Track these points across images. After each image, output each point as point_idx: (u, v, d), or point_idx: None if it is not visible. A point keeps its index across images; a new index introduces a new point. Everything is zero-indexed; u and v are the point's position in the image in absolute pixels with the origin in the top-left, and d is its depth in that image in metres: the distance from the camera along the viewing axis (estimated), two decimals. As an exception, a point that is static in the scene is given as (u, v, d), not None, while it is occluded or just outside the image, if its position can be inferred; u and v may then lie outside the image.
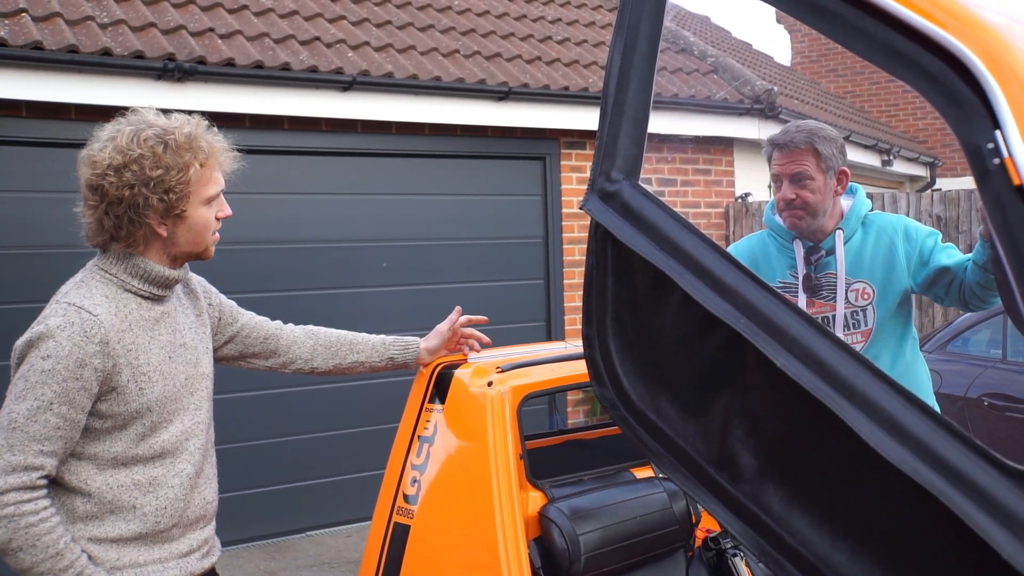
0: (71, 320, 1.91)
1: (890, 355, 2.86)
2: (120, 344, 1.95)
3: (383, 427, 5.79)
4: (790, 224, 2.87)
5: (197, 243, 2.07)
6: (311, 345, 2.47)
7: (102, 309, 1.95)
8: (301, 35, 6.23)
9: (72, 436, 1.92)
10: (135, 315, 2.01)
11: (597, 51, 7.85)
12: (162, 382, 2.02)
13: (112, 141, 1.98)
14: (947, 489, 1.28)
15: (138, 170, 1.94)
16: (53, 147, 5.41)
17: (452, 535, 2.42)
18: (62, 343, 1.89)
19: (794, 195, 2.80)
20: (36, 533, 1.86)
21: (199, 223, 2.05)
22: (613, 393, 1.73)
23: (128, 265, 2.02)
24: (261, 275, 6.07)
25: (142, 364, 1.99)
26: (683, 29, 9.29)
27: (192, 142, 2.01)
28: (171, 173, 1.96)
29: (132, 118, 2.04)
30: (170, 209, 1.98)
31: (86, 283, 2.01)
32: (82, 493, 1.97)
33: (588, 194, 1.71)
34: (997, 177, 1.20)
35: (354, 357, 2.51)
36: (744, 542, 1.59)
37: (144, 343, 2.01)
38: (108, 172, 1.95)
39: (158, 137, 1.98)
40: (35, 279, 5.24)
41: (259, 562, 5.68)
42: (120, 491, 1.98)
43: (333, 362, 2.49)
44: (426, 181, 6.77)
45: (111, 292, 2.00)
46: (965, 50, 1.23)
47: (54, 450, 1.90)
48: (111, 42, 5.34)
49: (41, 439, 1.87)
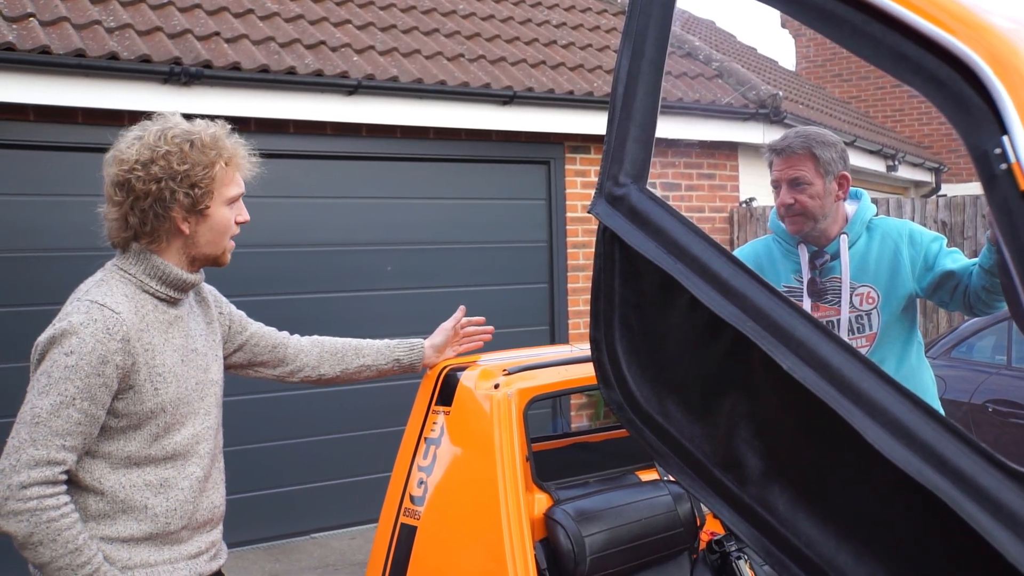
0: (94, 317, 1.93)
1: (895, 359, 2.86)
2: (139, 343, 1.98)
3: (389, 430, 5.80)
4: (792, 229, 2.88)
5: (216, 244, 2.11)
6: (317, 353, 2.49)
7: (123, 307, 1.98)
8: (306, 39, 6.25)
9: (91, 432, 1.94)
10: (151, 316, 2.04)
11: (602, 55, 7.87)
12: (176, 384, 2.05)
13: (139, 140, 2.03)
14: (951, 491, 1.28)
15: (165, 165, 1.99)
16: (60, 151, 5.43)
17: (458, 536, 2.43)
18: (85, 339, 1.91)
19: (792, 200, 2.82)
20: (57, 528, 1.88)
21: (220, 223, 2.09)
22: (620, 395, 1.74)
23: (147, 266, 2.05)
24: (266, 278, 6.08)
25: (158, 364, 2.02)
26: (688, 33, 9.30)
27: (217, 142, 2.06)
28: (197, 169, 2.01)
29: (158, 119, 2.09)
30: (195, 204, 2.02)
31: (106, 282, 2.03)
32: (95, 491, 1.99)
33: (596, 198, 1.72)
34: (1004, 182, 1.21)
35: (360, 361, 2.53)
36: (749, 543, 1.60)
37: (160, 344, 2.04)
38: (136, 167, 1.99)
39: (185, 134, 2.03)
40: (44, 282, 5.26)
41: (264, 564, 5.69)
42: (132, 491, 2.01)
43: (340, 367, 2.51)
44: (431, 185, 6.78)
45: (130, 291, 2.03)
46: (972, 55, 1.23)
47: (75, 445, 1.92)
48: (118, 46, 5.36)
49: (63, 434, 1.90)
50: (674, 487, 2.62)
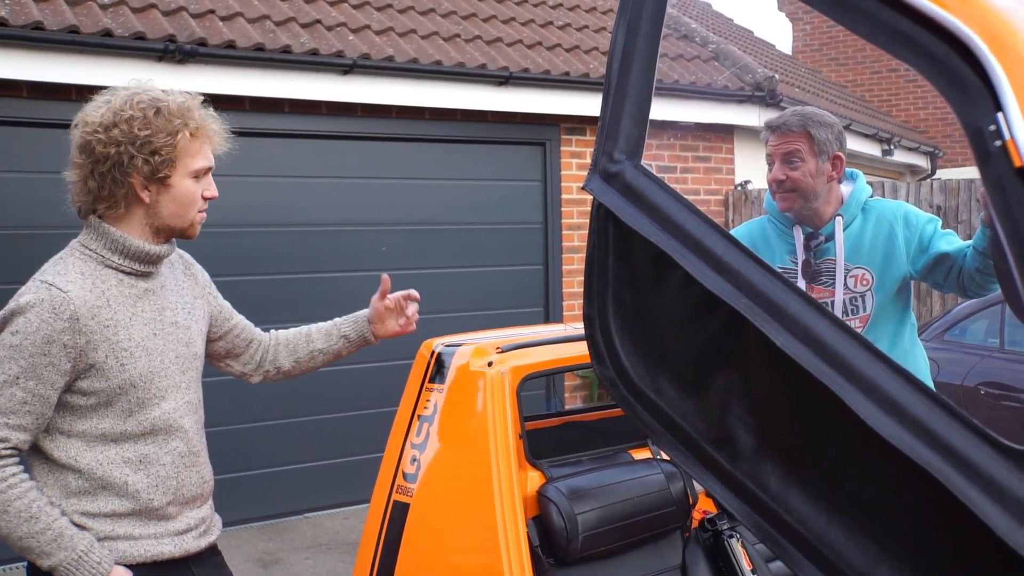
0: (41, 297, 1.92)
1: (888, 341, 2.87)
2: (94, 320, 1.95)
3: (382, 410, 5.79)
4: (782, 206, 2.88)
5: (181, 216, 2.06)
6: (274, 347, 2.42)
7: (74, 286, 1.96)
8: (302, 18, 6.22)
9: (43, 411, 1.93)
10: (114, 291, 2.01)
11: (598, 37, 7.84)
12: (146, 358, 2.02)
13: (107, 104, 2.02)
14: (943, 467, 1.29)
15: (127, 129, 1.97)
16: (54, 127, 5.37)
17: (451, 513, 2.44)
18: (31, 319, 1.91)
19: (784, 176, 2.82)
20: (6, 499, 1.88)
21: (183, 194, 2.04)
22: (613, 372, 1.74)
23: (107, 240, 2.02)
24: (259, 258, 6.07)
25: (122, 340, 1.99)
26: (684, 16, 9.27)
27: (185, 112, 2.03)
28: (159, 136, 1.98)
29: (131, 85, 2.07)
30: (155, 172, 1.99)
31: (63, 260, 2.03)
32: (73, 470, 1.98)
33: (590, 174, 1.72)
34: (998, 159, 1.21)
35: (310, 347, 2.42)
36: (741, 520, 1.60)
37: (125, 319, 2.00)
38: (98, 130, 1.98)
39: (152, 101, 2.01)
40: (35, 260, 5.18)
41: (257, 543, 5.71)
42: (111, 467, 1.99)
43: (292, 358, 2.41)
44: (426, 166, 6.76)
45: (88, 268, 2.01)
46: (968, 32, 1.23)
47: (21, 424, 1.91)
48: (112, 23, 5.33)
49: (6, 412, 1.89)
50: (667, 466, 2.63)
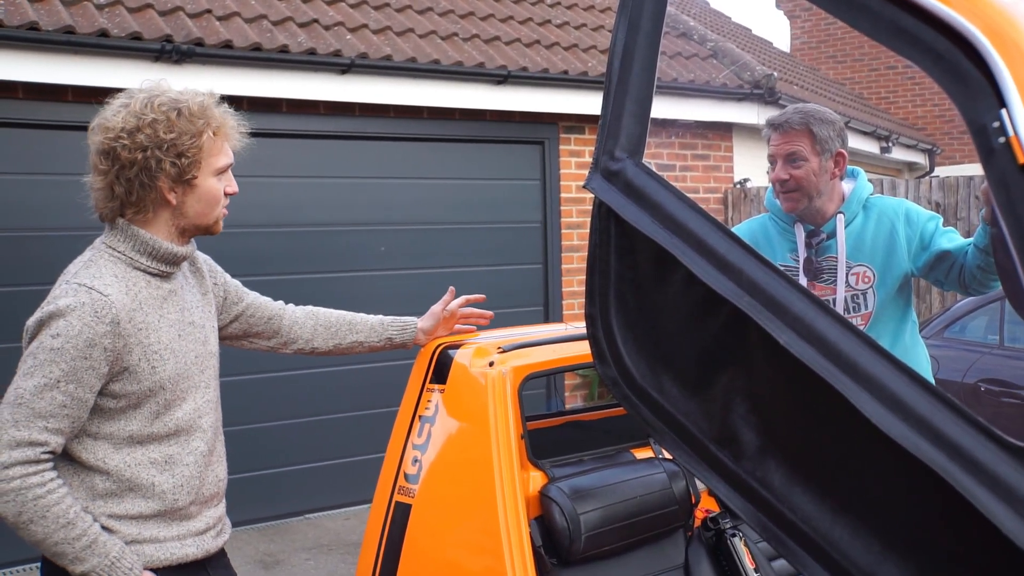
0: (82, 300, 1.90)
1: (889, 338, 2.87)
2: (131, 324, 1.96)
3: (383, 410, 5.80)
4: (787, 207, 2.88)
5: (206, 215, 2.07)
6: (311, 326, 2.49)
7: (113, 289, 1.95)
8: (299, 17, 6.21)
9: (79, 415, 1.93)
10: (144, 294, 2.01)
11: (596, 35, 7.83)
12: (173, 360, 2.03)
13: (126, 107, 2.00)
14: (948, 465, 1.29)
15: (152, 133, 1.96)
16: (50, 129, 5.39)
17: (453, 514, 2.43)
18: (72, 323, 1.89)
19: (787, 175, 2.81)
20: (45, 504, 1.87)
21: (208, 193, 2.05)
22: (615, 371, 1.73)
23: (136, 242, 2.02)
24: (258, 258, 6.06)
25: (153, 343, 1.99)
26: (683, 13, 9.26)
27: (205, 111, 2.03)
28: (184, 138, 1.98)
29: (146, 86, 2.05)
30: (182, 174, 1.99)
31: (95, 262, 2.00)
32: (101, 471, 1.98)
33: (592, 173, 1.71)
34: (1002, 156, 1.21)
35: (353, 337, 2.53)
36: (745, 519, 1.60)
37: (154, 321, 2.01)
38: (122, 135, 1.96)
39: (172, 102, 2.00)
40: (32, 262, 5.23)
41: (258, 544, 5.70)
42: (138, 469, 1.99)
43: (333, 342, 2.51)
44: (424, 165, 6.75)
45: (120, 271, 2.00)
46: (971, 28, 1.23)
47: (59, 428, 1.90)
48: (108, 23, 5.32)
49: (46, 416, 1.88)
50: (669, 465, 2.62)
